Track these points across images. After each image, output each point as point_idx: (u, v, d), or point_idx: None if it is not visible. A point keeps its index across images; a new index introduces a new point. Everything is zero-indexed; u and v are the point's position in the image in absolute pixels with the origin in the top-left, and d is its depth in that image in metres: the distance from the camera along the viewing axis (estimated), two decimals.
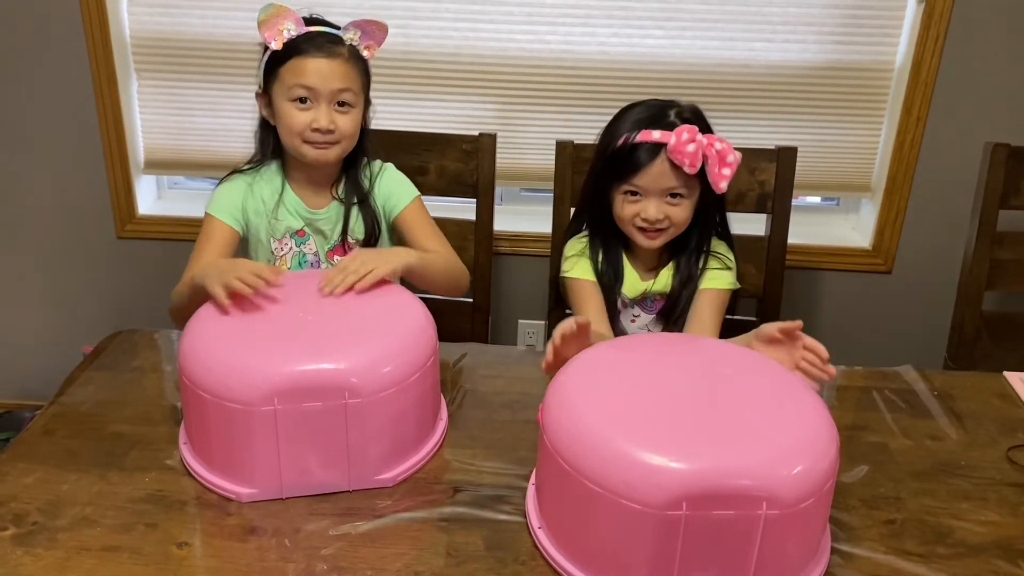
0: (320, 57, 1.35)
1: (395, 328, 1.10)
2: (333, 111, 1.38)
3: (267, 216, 1.47)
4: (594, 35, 1.87)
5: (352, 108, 1.40)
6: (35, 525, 0.97)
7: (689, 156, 1.31)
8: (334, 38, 1.38)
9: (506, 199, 2.14)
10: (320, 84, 1.36)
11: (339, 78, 1.36)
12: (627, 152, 1.35)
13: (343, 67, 1.37)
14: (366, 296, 1.18)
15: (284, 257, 1.49)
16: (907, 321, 2.09)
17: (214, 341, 1.05)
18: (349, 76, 1.38)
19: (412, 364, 1.06)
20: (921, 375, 1.34)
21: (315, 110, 1.37)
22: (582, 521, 0.90)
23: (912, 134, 1.90)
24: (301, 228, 1.48)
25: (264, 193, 1.47)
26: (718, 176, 1.33)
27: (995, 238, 1.64)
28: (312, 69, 1.35)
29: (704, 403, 0.94)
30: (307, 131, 1.38)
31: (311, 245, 1.49)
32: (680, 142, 1.31)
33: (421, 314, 1.14)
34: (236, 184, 1.48)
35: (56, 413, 1.18)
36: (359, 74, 1.40)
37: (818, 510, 0.90)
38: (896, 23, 1.86)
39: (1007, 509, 1.05)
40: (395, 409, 1.04)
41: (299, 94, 1.36)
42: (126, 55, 1.93)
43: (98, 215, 2.06)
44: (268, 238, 1.48)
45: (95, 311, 2.16)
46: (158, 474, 1.06)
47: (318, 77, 1.35)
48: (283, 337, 1.05)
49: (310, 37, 1.36)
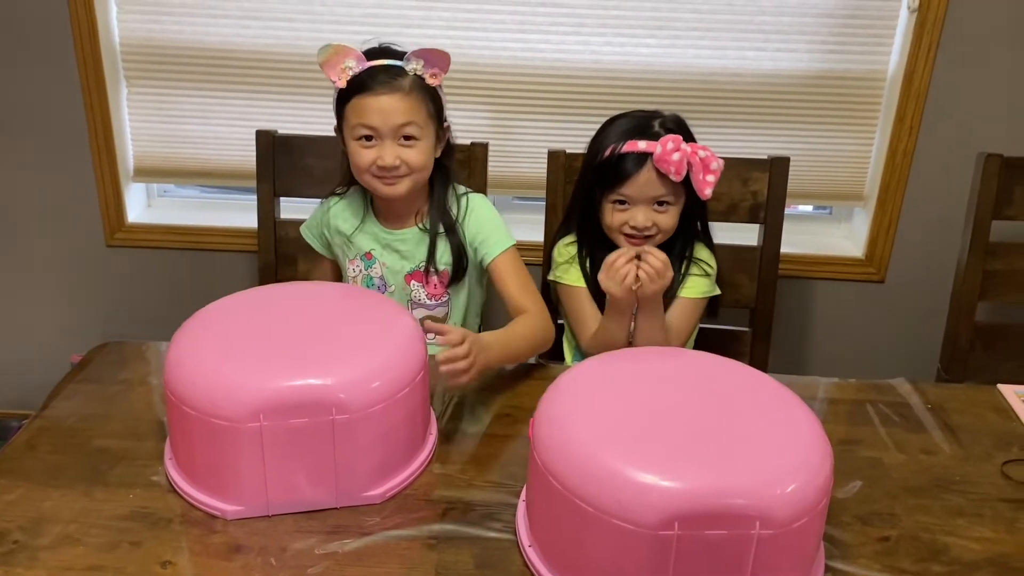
0: (381, 94, 1.34)
1: (384, 342, 1.08)
2: (398, 146, 1.37)
3: (342, 239, 1.51)
4: (587, 44, 1.86)
5: (419, 140, 1.38)
6: (16, 544, 0.95)
7: (675, 164, 1.33)
8: (396, 71, 1.36)
9: (498, 207, 2.12)
10: (381, 122, 1.35)
11: (401, 113, 1.35)
12: (614, 162, 1.38)
13: (404, 102, 1.35)
14: (354, 309, 1.17)
15: (355, 279, 1.50)
16: (900, 330, 2.08)
17: (200, 355, 1.03)
18: (412, 109, 1.36)
19: (401, 379, 1.04)
20: (915, 388, 1.33)
21: (379, 147, 1.37)
22: (573, 540, 0.89)
23: (905, 143, 1.90)
24: (369, 251, 1.48)
25: (341, 216, 1.51)
26: (703, 183, 1.36)
27: (988, 248, 1.64)
28: (373, 108, 1.34)
29: (697, 420, 0.93)
30: (373, 168, 1.38)
31: (377, 268, 1.49)
32: (666, 151, 1.34)
33: (410, 327, 1.12)
34: (323, 208, 1.55)
35: (40, 427, 1.16)
36: (424, 104, 1.38)
37: (812, 529, 0.89)
38: (888, 32, 1.86)
39: (1002, 525, 1.04)
40: (384, 425, 1.03)
41: (362, 133, 1.36)
42: (116, 62, 1.92)
43: (87, 223, 2.04)
44: (345, 259, 1.52)
45: (84, 319, 2.15)
46: (143, 491, 1.05)
47: (379, 115, 1.34)
48: (270, 352, 1.04)
49: (371, 73, 1.35)
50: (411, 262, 1.48)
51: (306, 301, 1.19)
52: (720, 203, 1.63)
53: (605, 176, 1.40)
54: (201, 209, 2.15)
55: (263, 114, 1.93)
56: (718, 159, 1.36)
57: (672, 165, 1.33)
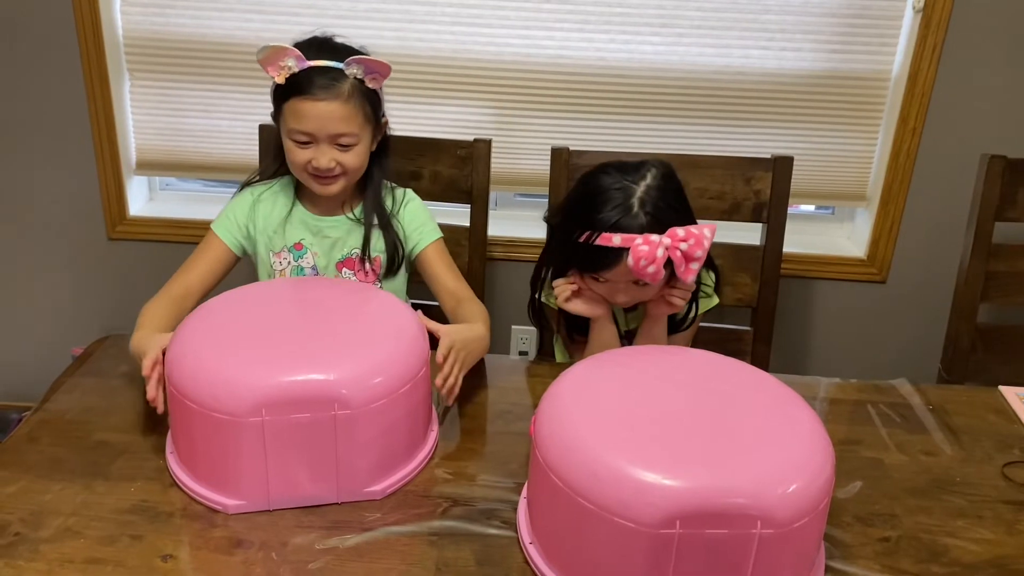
0: (319, 100, 1.31)
1: (386, 337, 1.08)
2: (334, 150, 1.35)
3: (270, 232, 1.46)
4: (591, 41, 1.86)
5: (355, 145, 1.37)
6: (17, 536, 0.95)
7: (649, 276, 1.24)
8: (336, 74, 1.33)
9: (500, 204, 2.13)
10: (318, 128, 1.33)
11: (338, 121, 1.33)
12: (589, 249, 1.28)
13: (342, 109, 1.33)
14: (356, 303, 1.17)
15: (283, 271, 1.47)
16: (901, 331, 2.08)
17: (202, 350, 1.03)
18: (349, 117, 1.34)
19: (403, 375, 1.04)
20: (916, 389, 1.34)
21: (315, 149, 1.35)
22: (574, 537, 0.89)
23: (908, 144, 1.90)
24: (299, 241, 1.46)
25: (268, 209, 1.47)
26: (686, 271, 1.26)
27: (991, 250, 1.64)
28: (310, 113, 1.32)
29: (699, 419, 0.93)
30: (309, 167, 1.37)
31: (309, 259, 1.47)
32: (637, 260, 1.22)
33: (412, 322, 1.12)
34: (242, 201, 1.47)
35: (41, 420, 1.16)
36: (361, 109, 1.35)
37: (813, 529, 0.89)
38: (893, 32, 1.85)
39: (1002, 527, 1.04)
40: (385, 421, 1.03)
41: (298, 136, 1.35)
42: (119, 55, 1.91)
43: (89, 216, 2.04)
44: (267, 252, 1.47)
45: (85, 312, 2.15)
46: (144, 484, 1.05)
47: (316, 122, 1.32)
48: (272, 347, 1.04)
49: (310, 76, 1.32)
50: (341, 250, 1.47)
51: (308, 296, 1.19)
52: (723, 202, 1.63)
53: (579, 256, 1.31)
54: (203, 203, 2.15)
55: (266, 108, 1.91)
56: (705, 243, 1.24)
57: (646, 276, 1.24)
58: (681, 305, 1.36)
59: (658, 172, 1.30)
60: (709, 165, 1.63)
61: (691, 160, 1.61)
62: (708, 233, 1.25)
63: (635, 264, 1.23)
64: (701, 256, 1.25)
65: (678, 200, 1.31)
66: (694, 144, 1.93)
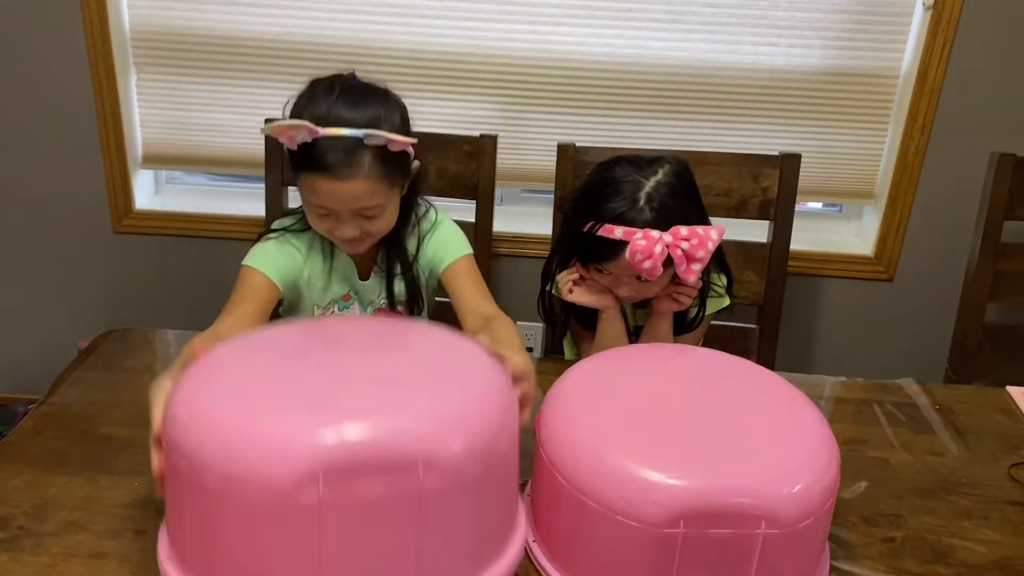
0: (337, 180, 1.16)
1: (469, 383, 0.83)
2: (359, 218, 1.22)
3: (319, 285, 1.36)
4: (599, 36, 1.85)
5: (380, 215, 1.23)
6: (21, 530, 0.95)
7: (647, 271, 1.22)
8: (353, 145, 1.15)
9: (507, 200, 2.12)
10: (340, 205, 1.19)
11: (360, 198, 1.18)
12: (592, 239, 1.27)
13: (364, 184, 1.17)
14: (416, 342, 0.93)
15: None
16: (908, 330, 2.07)
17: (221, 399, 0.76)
18: (372, 192, 1.19)
19: (498, 429, 0.80)
20: (923, 388, 1.33)
21: (337, 221, 1.22)
22: (577, 536, 0.89)
23: (917, 142, 1.89)
24: (347, 293, 1.38)
25: (317, 264, 1.35)
26: (687, 271, 1.24)
27: (999, 249, 1.63)
28: (329, 193, 1.18)
29: (703, 418, 0.93)
30: (331, 234, 1.26)
31: (355, 309, 1.39)
32: (634, 254, 1.21)
33: (493, 365, 0.88)
34: (287, 248, 1.32)
35: (46, 413, 1.16)
36: (386, 179, 1.20)
37: (818, 529, 0.88)
38: (903, 29, 1.84)
39: (1008, 528, 1.04)
40: (479, 497, 0.78)
41: (317, 210, 1.22)
42: (125, 49, 1.91)
43: (95, 209, 2.04)
44: (312, 306, 1.38)
45: (91, 306, 2.15)
46: (148, 479, 1.01)
47: (337, 200, 1.18)
48: (316, 396, 0.76)
49: (325, 152, 1.15)
50: (378, 297, 1.39)
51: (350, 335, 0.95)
52: (730, 199, 1.63)
53: (583, 247, 1.31)
54: (209, 197, 2.15)
55: (273, 102, 1.91)
56: (710, 244, 1.22)
57: (644, 272, 1.22)
58: (687, 303, 1.36)
59: (671, 169, 1.28)
60: (716, 162, 1.63)
61: (698, 156, 1.60)
62: (715, 235, 1.24)
63: (631, 258, 1.22)
64: (704, 257, 1.23)
65: (688, 198, 1.30)
66: (701, 140, 1.92)
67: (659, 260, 1.21)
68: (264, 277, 1.26)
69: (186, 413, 0.76)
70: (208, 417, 0.75)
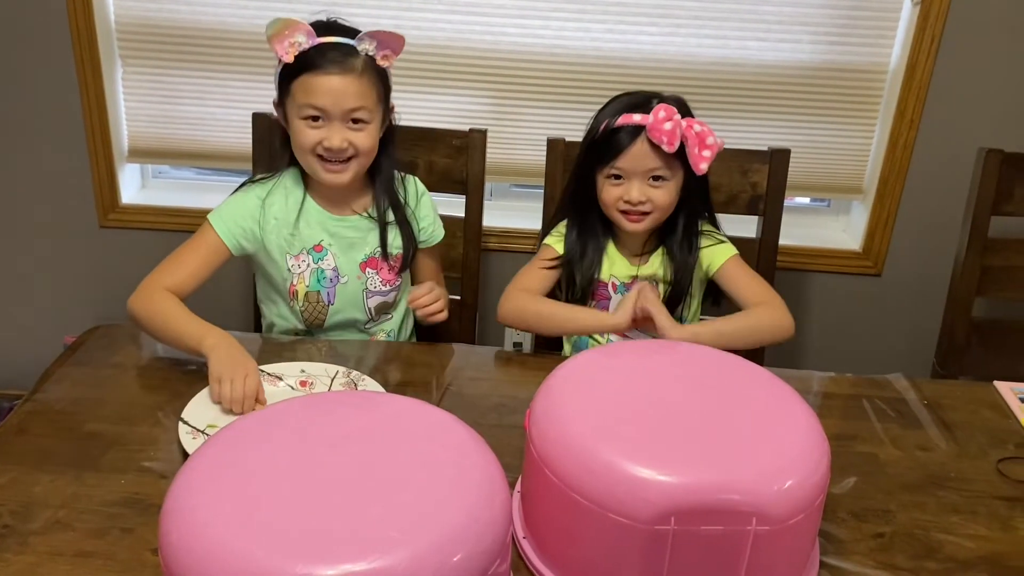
0: (332, 74, 1.28)
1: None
2: (347, 129, 1.32)
3: (284, 233, 1.41)
4: (587, 31, 1.85)
5: (368, 124, 1.34)
6: (6, 528, 0.94)
7: (667, 135, 1.32)
8: (348, 49, 1.31)
9: (496, 195, 2.12)
10: (331, 104, 1.30)
11: (352, 96, 1.30)
12: (609, 135, 1.37)
13: (356, 83, 1.30)
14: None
15: (302, 275, 1.42)
16: (896, 324, 2.08)
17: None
18: (363, 93, 1.31)
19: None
20: (911, 384, 1.33)
21: (327, 128, 1.32)
22: (568, 533, 0.89)
23: (905, 137, 1.89)
24: (319, 243, 1.42)
25: (279, 207, 1.41)
26: (698, 158, 1.34)
27: (986, 244, 1.63)
28: (323, 88, 1.29)
29: (694, 414, 0.92)
30: (319, 148, 1.33)
31: (330, 260, 1.42)
32: (658, 120, 1.32)
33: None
34: (248, 199, 1.41)
35: (31, 410, 1.15)
36: (374, 87, 1.33)
37: (808, 525, 0.88)
38: (891, 25, 1.84)
39: (997, 524, 1.04)
40: None
41: (310, 113, 1.31)
42: (111, 41, 1.89)
43: (80, 204, 2.02)
44: (283, 255, 1.42)
45: (77, 301, 2.13)
46: (135, 476, 1.04)
47: (329, 96, 1.29)
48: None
49: (322, 51, 1.29)
50: (361, 250, 1.44)
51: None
52: (719, 194, 1.62)
53: (600, 150, 1.39)
54: (196, 191, 2.14)
55: (260, 96, 1.90)
56: (716, 136, 1.34)
57: (664, 135, 1.31)
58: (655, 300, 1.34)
59: (674, 95, 1.40)
60: None
61: None
62: (720, 140, 1.35)
63: (654, 121, 1.31)
64: (713, 144, 1.33)
65: (690, 113, 1.40)
66: None
67: (678, 127, 1.32)
68: (216, 236, 1.38)
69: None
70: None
